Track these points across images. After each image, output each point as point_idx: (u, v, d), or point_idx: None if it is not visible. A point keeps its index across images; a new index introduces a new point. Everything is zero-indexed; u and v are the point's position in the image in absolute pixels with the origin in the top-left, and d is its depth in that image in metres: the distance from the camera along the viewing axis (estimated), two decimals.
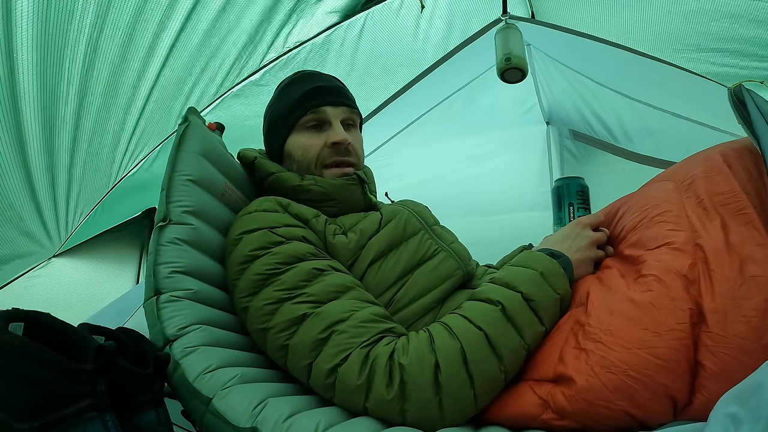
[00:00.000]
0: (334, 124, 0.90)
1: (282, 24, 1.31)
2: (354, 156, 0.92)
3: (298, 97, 0.90)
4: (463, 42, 1.75)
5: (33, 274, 1.25)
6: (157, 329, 0.66)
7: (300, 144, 0.90)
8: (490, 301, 0.65)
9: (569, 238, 0.76)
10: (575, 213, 0.96)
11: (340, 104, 0.92)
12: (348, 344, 0.62)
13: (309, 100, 0.90)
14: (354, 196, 0.90)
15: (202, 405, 0.60)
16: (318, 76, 0.96)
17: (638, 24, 1.43)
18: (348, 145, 0.90)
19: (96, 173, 1.18)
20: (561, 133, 2.27)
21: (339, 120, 0.91)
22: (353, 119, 0.95)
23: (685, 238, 0.62)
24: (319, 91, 0.91)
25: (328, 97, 0.91)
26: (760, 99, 0.69)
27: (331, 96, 0.91)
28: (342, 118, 0.91)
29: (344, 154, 0.90)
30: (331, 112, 0.90)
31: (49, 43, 0.83)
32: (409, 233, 0.85)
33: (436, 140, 2.17)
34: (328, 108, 0.90)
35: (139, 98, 1.13)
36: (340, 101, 0.92)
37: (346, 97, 0.94)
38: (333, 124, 0.90)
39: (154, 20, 1.00)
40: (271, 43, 1.36)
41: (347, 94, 0.96)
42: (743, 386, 0.39)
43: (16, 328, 0.46)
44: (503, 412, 0.62)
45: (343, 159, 0.90)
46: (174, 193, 0.76)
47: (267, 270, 0.69)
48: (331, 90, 0.92)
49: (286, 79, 0.98)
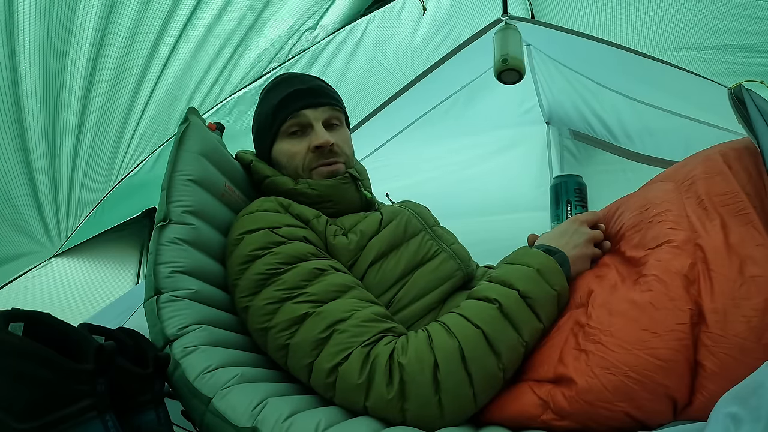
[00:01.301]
0: (316, 127, 0.88)
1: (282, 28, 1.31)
2: (341, 155, 0.91)
3: (277, 104, 0.89)
4: (464, 42, 1.75)
5: (33, 274, 1.25)
6: (157, 329, 0.66)
7: (284, 152, 0.89)
8: (488, 300, 0.65)
9: (566, 234, 0.76)
10: (573, 210, 0.96)
11: (320, 105, 0.90)
12: (349, 343, 0.62)
13: (288, 105, 0.88)
14: (349, 194, 0.90)
15: (202, 405, 0.60)
16: (296, 79, 0.93)
17: (638, 24, 1.43)
18: (332, 146, 0.88)
19: (97, 174, 1.18)
20: (561, 133, 2.27)
21: (320, 121, 0.89)
22: (337, 117, 0.92)
23: (685, 237, 0.62)
24: (297, 95, 0.89)
25: (306, 100, 0.89)
26: (760, 99, 0.69)
27: (310, 98, 0.89)
28: (324, 118, 0.90)
29: (329, 156, 0.89)
30: (311, 114, 0.88)
31: (52, 43, 0.83)
32: (410, 234, 0.85)
33: (437, 140, 2.17)
34: (307, 111, 0.88)
35: (140, 100, 1.13)
36: (319, 102, 0.90)
37: (326, 96, 0.92)
38: (314, 126, 0.88)
39: (156, 24, 1.00)
40: (277, 51, 1.36)
41: (327, 92, 0.93)
42: (743, 386, 0.39)
43: (16, 328, 0.46)
44: (503, 412, 0.62)
45: (329, 161, 0.89)
46: (174, 192, 0.76)
47: (268, 270, 0.69)
48: (309, 91, 0.90)
49: (267, 84, 0.97)
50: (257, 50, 1.31)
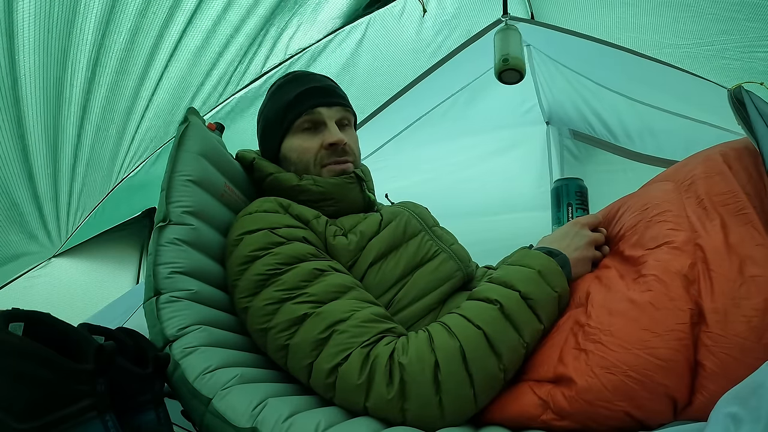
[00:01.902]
0: (329, 125, 0.89)
1: (282, 29, 1.31)
2: (351, 155, 0.92)
3: (291, 99, 0.89)
4: (464, 43, 1.75)
5: (33, 274, 1.25)
6: (156, 329, 0.66)
7: (296, 147, 0.90)
8: (489, 300, 0.65)
9: (567, 236, 0.76)
10: (574, 213, 0.96)
11: (334, 104, 0.91)
12: (348, 344, 0.62)
13: (302, 102, 0.89)
14: (353, 194, 0.90)
15: (202, 405, 0.60)
16: (310, 77, 0.95)
17: (638, 24, 1.43)
18: (344, 145, 0.90)
19: (98, 174, 1.18)
20: (561, 133, 2.27)
21: (333, 120, 0.90)
22: (348, 118, 0.94)
23: (685, 237, 0.62)
24: (312, 92, 0.90)
25: (321, 98, 0.90)
26: (759, 100, 0.69)
27: (324, 96, 0.91)
28: (337, 118, 0.91)
29: (341, 154, 0.90)
30: (325, 113, 0.90)
31: (52, 43, 0.83)
32: (410, 234, 0.85)
33: (437, 141, 2.17)
34: (322, 109, 0.90)
35: (141, 101, 1.13)
36: (334, 101, 0.91)
37: (340, 97, 0.94)
38: (328, 125, 0.90)
39: (157, 25, 1.00)
40: (272, 50, 1.36)
41: (340, 93, 0.95)
42: (743, 386, 0.39)
43: (16, 328, 0.46)
44: (503, 412, 0.62)
45: (341, 158, 0.90)
46: (174, 193, 0.76)
47: (268, 270, 0.69)
48: (324, 90, 0.92)
49: (278, 80, 0.97)
50: (256, 49, 1.31)
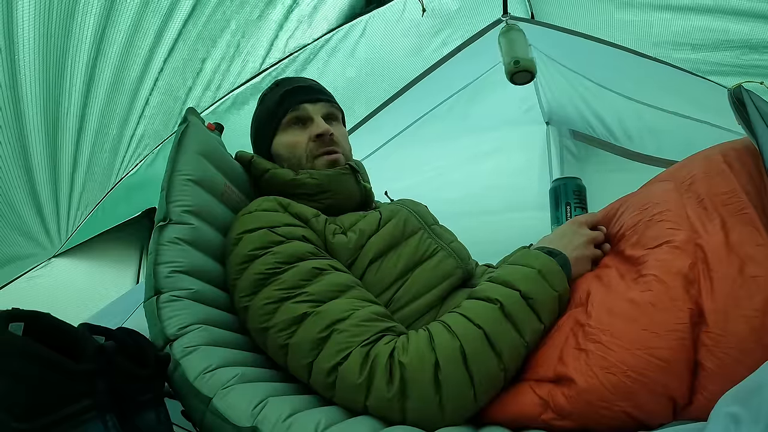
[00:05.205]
0: (316, 119, 0.93)
1: (280, 26, 1.31)
2: (339, 146, 0.95)
3: (278, 99, 0.95)
4: (463, 43, 1.75)
5: (33, 274, 1.25)
6: (157, 329, 0.66)
7: (286, 143, 0.94)
8: (489, 300, 0.65)
9: (567, 236, 0.76)
10: (572, 212, 0.97)
11: (318, 100, 0.96)
12: (348, 343, 0.62)
13: (288, 100, 0.94)
14: (349, 186, 0.92)
15: (202, 404, 0.60)
16: (294, 79, 1.01)
17: (638, 24, 1.43)
18: (332, 136, 0.93)
19: (98, 174, 1.18)
20: (561, 133, 2.26)
21: (320, 115, 0.95)
22: (334, 114, 0.98)
23: (685, 237, 0.62)
24: (296, 91, 0.95)
25: (305, 95, 0.95)
26: (759, 100, 0.69)
27: (308, 94, 0.96)
28: (323, 113, 0.95)
29: (330, 144, 0.93)
30: (310, 108, 0.94)
31: (51, 43, 0.83)
32: (409, 232, 0.85)
33: (437, 140, 2.17)
34: (307, 105, 0.94)
35: (140, 100, 1.13)
36: (317, 97, 0.96)
37: (324, 94, 0.99)
38: (314, 119, 0.94)
39: (155, 23, 1.00)
40: (270, 48, 1.36)
41: (324, 91, 1.00)
42: (743, 386, 0.39)
43: (17, 328, 0.46)
44: (503, 412, 0.62)
45: (330, 148, 0.93)
46: (174, 192, 0.76)
47: (267, 269, 0.69)
48: (308, 89, 0.97)
49: (266, 88, 1.03)
50: (255, 48, 1.31)
